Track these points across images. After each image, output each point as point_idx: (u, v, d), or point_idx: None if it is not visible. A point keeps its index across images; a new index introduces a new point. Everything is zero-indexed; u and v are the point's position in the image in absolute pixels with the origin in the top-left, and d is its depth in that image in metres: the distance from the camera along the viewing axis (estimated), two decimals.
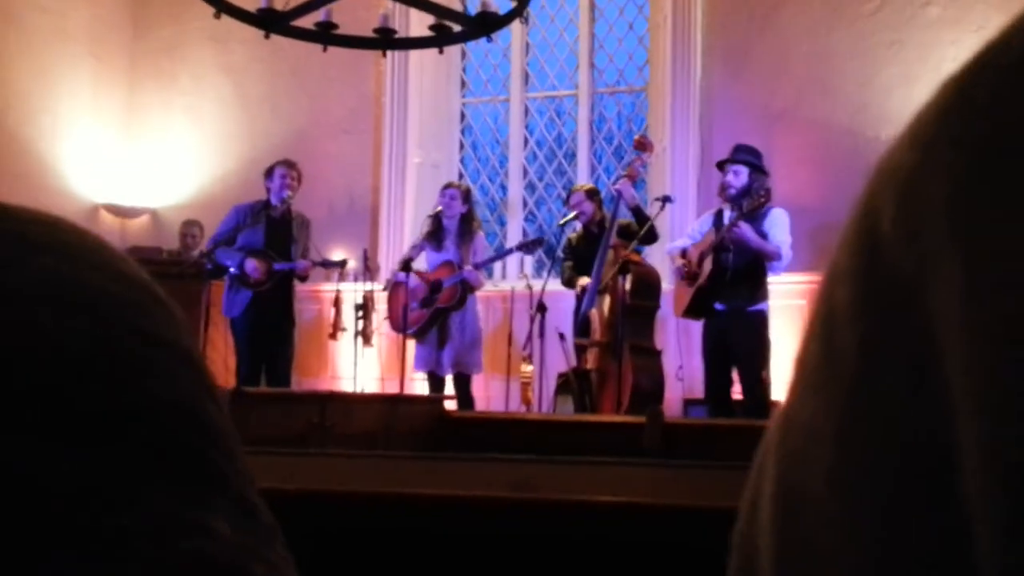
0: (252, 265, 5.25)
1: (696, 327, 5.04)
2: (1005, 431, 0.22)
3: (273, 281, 5.31)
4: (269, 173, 5.46)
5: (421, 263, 5.58)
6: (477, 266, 5.38)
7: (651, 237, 5.14)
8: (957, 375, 0.23)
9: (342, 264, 5.52)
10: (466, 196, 5.54)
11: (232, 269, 5.28)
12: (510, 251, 5.74)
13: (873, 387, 0.26)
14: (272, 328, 5.34)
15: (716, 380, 4.81)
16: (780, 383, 5.03)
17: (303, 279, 5.52)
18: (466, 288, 5.36)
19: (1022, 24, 0.25)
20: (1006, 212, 0.22)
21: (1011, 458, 0.21)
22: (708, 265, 4.72)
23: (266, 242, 5.36)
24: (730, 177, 4.76)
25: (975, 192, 0.23)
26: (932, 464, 0.24)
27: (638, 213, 5.12)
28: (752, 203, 4.61)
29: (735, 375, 4.80)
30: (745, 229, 4.60)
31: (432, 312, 5.38)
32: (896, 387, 0.25)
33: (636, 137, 5.47)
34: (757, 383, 4.66)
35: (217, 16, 4.28)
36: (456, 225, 5.48)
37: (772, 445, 0.31)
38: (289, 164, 5.47)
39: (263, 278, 5.27)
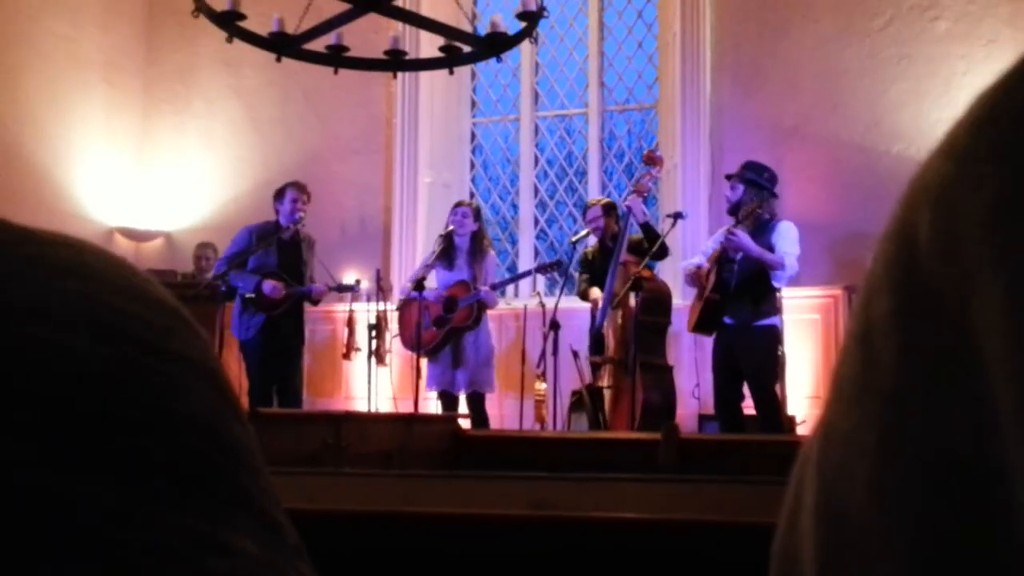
0: (271, 286, 5.23)
1: (710, 342, 5.04)
2: None
3: (288, 304, 5.32)
4: (279, 195, 5.47)
5: (432, 282, 5.59)
6: (495, 287, 5.38)
7: (662, 253, 5.15)
8: (1001, 386, 0.23)
9: (355, 288, 5.53)
10: (477, 214, 5.55)
11: (248, 292, 5.26)
12: (528, 273, 5.75)
13: (914, 398, 0.26)
14: (283, 350, 5.35)
15: (725, 395, 4.80)
16: (795, 397, 5.01)
17: (316, 303, 5.55)
18: (482, 308, 5.36)
19: None
20: None
21: None
22: (712, 278, 4.74)
23: (279, 264, 5.36)
24: (727, 192, 4.94)
25: (1012, 203, 0.23)
26: (976, 476, 0.24)
27: (647, 230, 5.13)
28: (743, 213, 4.67)
29: (746, 390, 4.79)
30: (743, 236, 4.63)
31: (446, 331, 5.38)
32: (937, 398, 0.25)
33: (645, 152, 5.48)
34: (768, 398, 4.65)
35: (229, 41, 4.32)
36: (467, 243, 5.48)
37: (812, 456, 0.31)
38: (300, 187, 5.48)
39: (280, 299, 5.27)
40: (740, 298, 4.68)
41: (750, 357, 4.66)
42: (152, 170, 7.45)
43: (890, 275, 0.27)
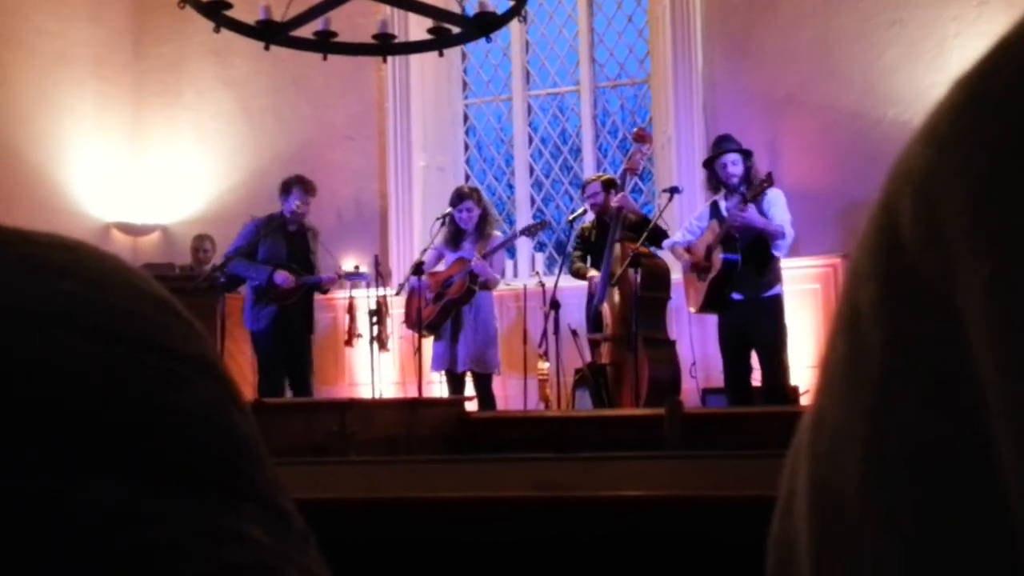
0: (282, 276, 5.31)
1: (710, 320, 5.04)
2: None
3: (299, 294, 5.40)
4: (286, 190, 5.49)
5: (442, 267, 5.62)
6: (484, 256, 5.38)
7: (657, 238, 5.14)
8: (986, 371, 0.23)
9: (364, 276, 5.56)
10: (478, 198, 5.55)
11: (260, 283, 5.32)
12: (514, 236, 5.75)
13: (902, 385, 0.26)
14: (294, 339, 5.43)
15: (735, 369, 4.81)
16: (796, 368, 5.03)
17: (325, 292, 5.61)
18: (474, 281, 5.36)
19: None
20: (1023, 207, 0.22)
21: None
22: (718, 257, 4.72)
23: (288, 255, 5.44)
24: (730, 167, 4.83)
25: (997, 189, 0.23)
26: (963, 460, 0.24)
27: (645, 222, 5.13)
28: (755, 188, 4.64)
29: (753, 362, 4.80)
30: (751, 212, 4.62)
31: (443, 305, 5.40)
32: (925, 384, 0.26)
33: (635, 130, 5.47)
34: (776, 368, 4.67)
35: (217, 30, 4.30)
36: (473, 226, 5.50)
37: (804, 446, 0.31)
38: (305, 186, 5.48)
39: (292, 290, 5.34)
40: (749, 272, 4.68)
41: (761, 328, 4.67)
42: (146, 163, 7.43)
43: (875, 263, 0.27)
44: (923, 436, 0.25)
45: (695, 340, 5.26)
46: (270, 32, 4.40)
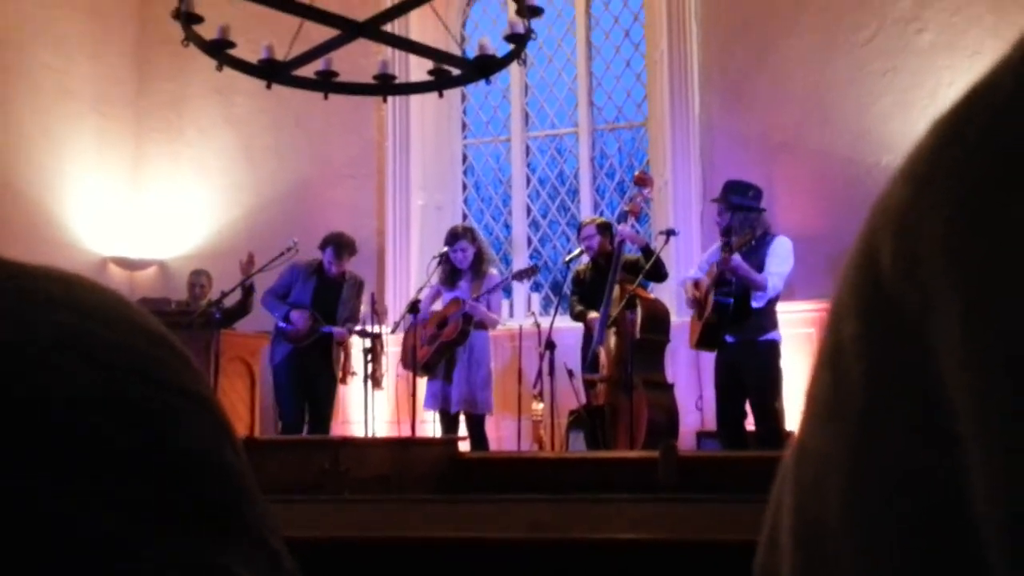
0: (296, 315, 5.55)
1: (710, 358, 5.03)
2: (1010, 454, 0.22)
3: (313, 339, 5.56)
4: (322, 246, 5.71)
5: (439, 305, 5.63)
6: (477, 298, 5.39)
7: (661, 276, 5.15)
8: (961, 400, 0.24)
9: (376, 335, 5.57)
10: (473, 238, 5.57)
11: (279, 319, 5.59)
12: (506, 280, 5.76)
13: (881, 417, 0.27)
14: (312, 379, 5.59)
15: (729, 412, 4.79)
16: (792, 412, 5.01)
17: (339, 343, 5.73)
18: (468, 322, 5.36)
19: (1008, 65, 0.25)
20: (1000, 243, 0.23)
21: (1015, 490, 0.22)
22: (711, 299, 4.74)
23: (313, 300, 5.62)
24: (716, 216, 4.93)
25: (970, 225, 0.24)
26: (942, 489, 0.25)
27: (648, 252, 5.14)
28: (739, 240, 4.67)
29: (747, 406, 4.78)
30: (737, 260, 4.63)
31: (437, 347, 5.39)
32: (903, 416, 0.26)
33: (636, 173, 5.51)
34: (769, 414, 4.64)
35: (219, 69, 4.34)
36: (469, 265, 5.51)
37: (788, 477, 0.31)
38: (338, 249, 5.64)
39: (304, 333, 5.53)
40: (741, 318, 4.69)
41: (753, 373, 4.65)
42: (145, 199, 7.45)
43: (856, 298, 0.28)
44: (902, 467, 0.26)
45: (702, 381, 5.24)
46: (272, 71, 4.44)
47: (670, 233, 5.27)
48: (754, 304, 4.69)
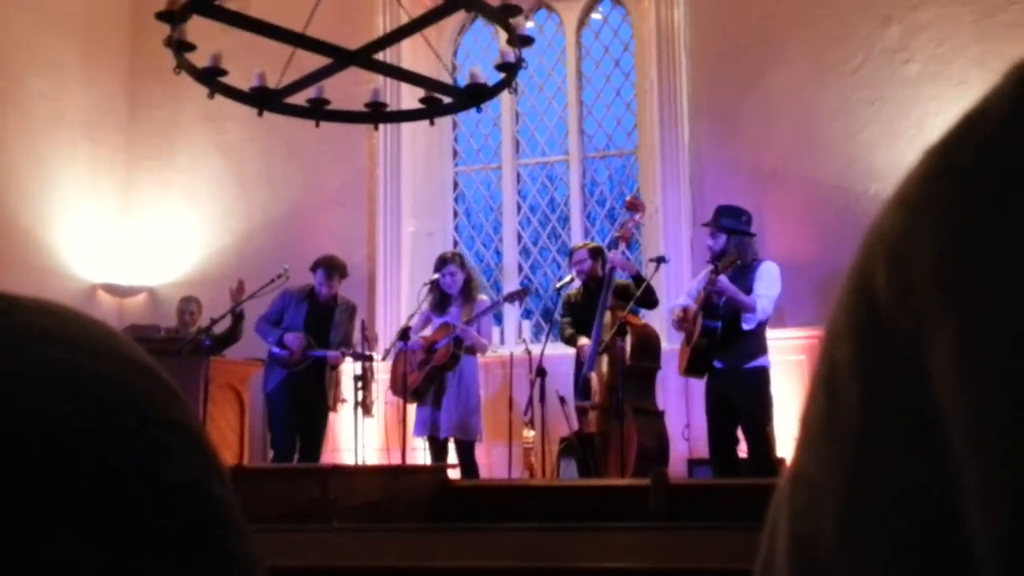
0: (292, 337, 5.53)
1: (699, 385, 5.03)
2: (1004, 479, 0.22)
3: (306, 363, 5.53)
4: (313, 268, 5.71)
5: (429, 331, 5.62)
6: (468, 322, 5.39)
7: (652, 303, 5.17)
8: (955, 427, 0.24)
9: (368, 356, 5.57)
10: (462, 263, 5.59)
11: (272, 344, 5.57)
12: (497, 303, 5.76)
13: (876, 441, 0.27)
14: (306, 406, 5.54)
15: (720, 439, 4.78)
16: (784, 439, 5.01)
17: (333, 367, 5.70)
18: (459, 346, 5.36)
19: (999, 94, 0.26)
20: (991, 268, 0.24)
21: (1012, 507, 0.22)
22: (699, 323, 4.75)
23: (305, 325, 5.61)
24: (709, 240, 4.93)
25: (961, 251, 0.25)
26: (938, 514, 0.25)
27: (639, 280, 5.16)
28: (725, 262, 4.70)
29: (739, 433, 4.77)
30: (725, 281, 4.65)
31: (427, 372, 5.38)
32: (898, 441, 0.26)
33: (627, 199, 5.54)
34: (761, 440, 4.64)
35: (211, 96, 4.36)
36: (458, 291, 5.52)
37: (783, 501, 0.31)
38: (329, 270, 5.65)
39: (297, 357, 5.51)
40: (729, 342, 4.69)
41: (743, 399, 4.65)
42: (136, 226, 7.45)
43: (850, 322, 0.28)
44: (897, 489, 0.26)
45: (689, 408, 5.25)
46: (264, 99, 4.46)
47: (660, 260, 5.29)
48: (745, 327, 4.70)
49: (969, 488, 0.24)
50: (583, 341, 5.25)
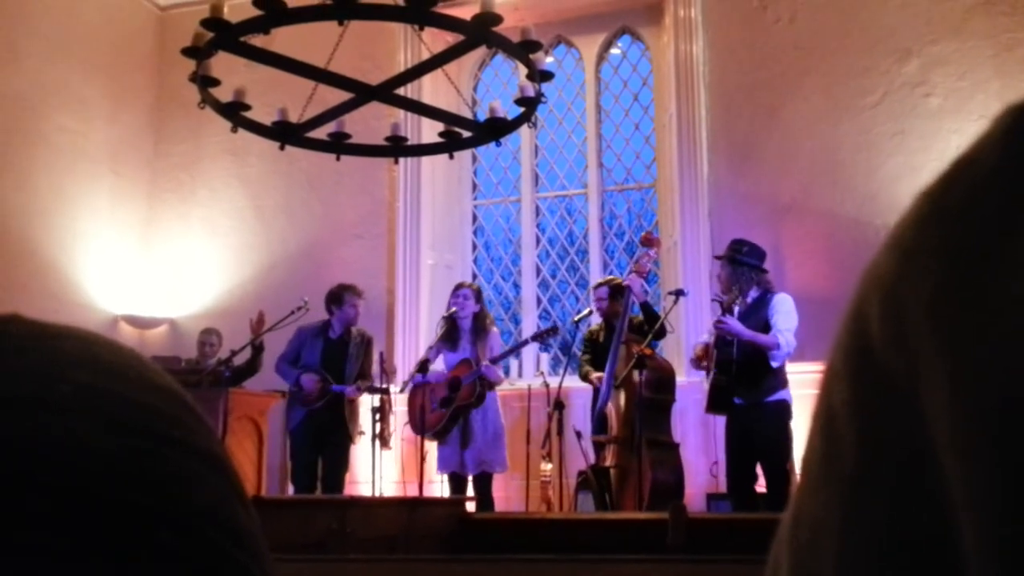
0: (307, 379, 5.59)
1: (720, 419, 5.00)
2: (1000, 521, 0.23)
3: (325, 400, 5.57)
4: (337, 299, 5.71)
5: (439, 365, 5.60)
6: (494, 360, 5.38)
7: (661, 332, 5.16)
8: (949, 463, 0.25)
9: (385, 390, 5.57)
10: (478, 296, 5.60)
11: (290, 385, 5.65)
12: (525, 342, 5.75)
13: (873, 480, 0.27)
14: (325, 442, 5.58)
15: (739, 474, 4.73)
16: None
17: (351, 401, 5.72)
18: (484, 384, 5.35)
19: (989, 140, 0.27)
20: (981, 312, 0.24)
21: (1010, 550, 0.22)
22: (714, 359, 4.73)
23: (322, 361, 5.65)
24: (718, 270, 4.95)
25: (953, 296, 0.25)
26: (936, 556, 0.25)
27: (646, 309, 5.15)
28: (729, 299, 4.67)
29: (759, 468, 4.72)
30: (732, 322, 4.62)
31: (452, 411, 5.36)
32: (894, 480, 0.27)
33: (643, 234, 5.54)
34: (780, 476, 4.58)
35: (234, 130, 4.41)
36: (470, 324, 5.51)
37: (784, 538, 0.32)
38: (356, 292, 5.73)
39: (315, 396, 5.56)
40: (746, 378, 4.66)
41: (763, 434, 4.61)
42: (157, 258, 7.52)
43: (847, 364, 0.29)
44: (894, 530, 0.26)
45: (716, 442, 5.19)
46: (286, 133, 4.51)
47: (679, 293, 5.28)
48: (773, 364, 4.67)
49: (966, 530, 0.24)
50: (596, 375, 5.23)
